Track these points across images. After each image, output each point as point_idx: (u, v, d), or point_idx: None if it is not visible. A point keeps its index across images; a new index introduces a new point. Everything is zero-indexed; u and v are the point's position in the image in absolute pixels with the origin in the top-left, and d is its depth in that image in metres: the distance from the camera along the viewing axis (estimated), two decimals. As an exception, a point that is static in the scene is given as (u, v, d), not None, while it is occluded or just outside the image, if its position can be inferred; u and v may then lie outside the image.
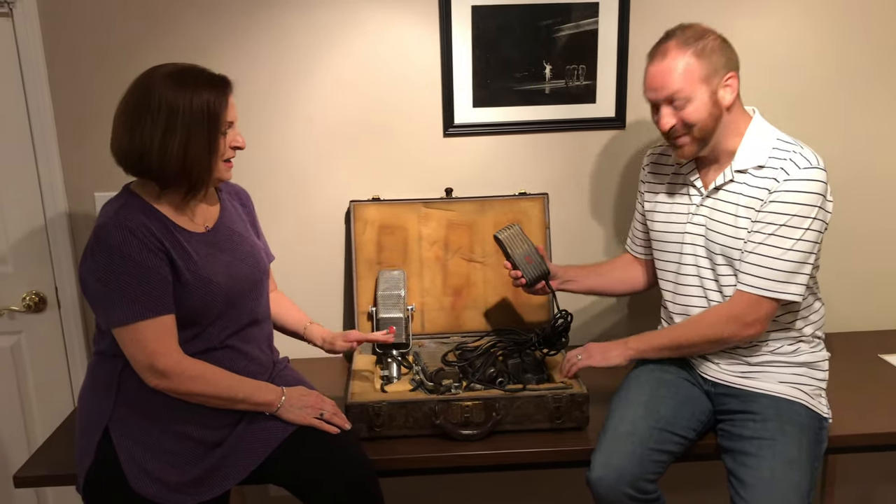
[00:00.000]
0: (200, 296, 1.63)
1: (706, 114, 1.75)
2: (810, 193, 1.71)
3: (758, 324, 1.77)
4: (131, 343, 1.58)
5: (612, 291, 2.19)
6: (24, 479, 1.80)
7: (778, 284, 1.73)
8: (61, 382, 2.37)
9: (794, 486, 1.64)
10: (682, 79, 1.74)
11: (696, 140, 1.79)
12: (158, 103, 1.57)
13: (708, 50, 1.74)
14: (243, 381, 1.69)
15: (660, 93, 1.77)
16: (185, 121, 1.57)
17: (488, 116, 2.27)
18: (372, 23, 2.21)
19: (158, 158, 1.58)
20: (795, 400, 1.79)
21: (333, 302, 2.37)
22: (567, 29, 2.21)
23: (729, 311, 1.78)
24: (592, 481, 1.71)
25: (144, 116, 1.57)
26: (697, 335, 1.83)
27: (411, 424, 1.84)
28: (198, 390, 1.62)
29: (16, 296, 2.31)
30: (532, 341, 2.02)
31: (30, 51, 2.15)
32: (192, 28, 2.18)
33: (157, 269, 1.58)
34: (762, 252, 1.74)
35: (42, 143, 2.21)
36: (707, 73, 1.74)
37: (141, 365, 1.59)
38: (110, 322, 1.59)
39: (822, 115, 2.31)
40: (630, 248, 2.15)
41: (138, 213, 1.61)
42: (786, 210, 1.72)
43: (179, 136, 1.57)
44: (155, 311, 1.57)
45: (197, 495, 1.64)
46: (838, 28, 2.27)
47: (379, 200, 2.27)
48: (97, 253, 1.57)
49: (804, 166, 1.72)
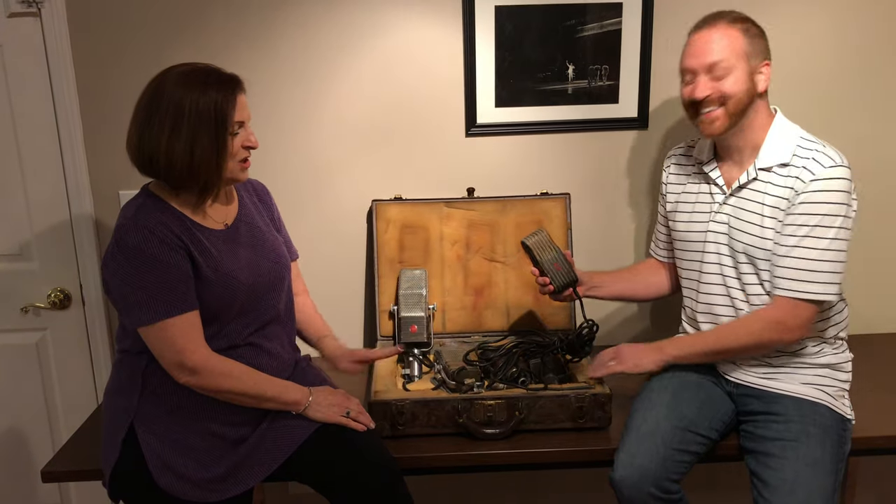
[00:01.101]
0: (222, 292, 1.64)
1: (745, 87, 1.76)
2: (838, 192, 1.71)
3: (799, 329, 1.75)
4: (158, 341, 1.59)
5: (639, 297, 2.17)
6: (51, 475, 1.82)
7: (817, 286, 1.72)
8: (85, 379, 2.40)
9: (818, 488, 1.64)
10: (729, 49, 1.76)
11: (729, 115, 1.77)
12: (167, 104, 1.57)
13: (753, 32, 1.78)
14: (271, 380, 1.70)
15: (702, 58, 1.77)
16: (191, 122, 1.57)
17: (511, 116, 2.27)
18: (395, 22, 2.21)
19: (166, 160, 1.58)
20: (819, 401, 1.78)
21: (355, 300, 2.38)
22: (590, 29, 2.21)
23: (771, 316, 1.77)
24: (616, 481, 1.71)
25: (153, 118, 1.58)
26: (737, 342, 1.80)
27: (434, 423, 1.84)
28: (227, 387, 1.63)
29: (41, 293, 2.33)
30: (555, 345, 2.01)
31: (57, 50, 2.17)
32: (216, 27, 2.19)
33: (179, 265, 1.58)
34: (798, 255, 1.73)
35: (68, 142, 2.23)
36: (750, 52, 1.76)
37: (170, 362, 1.60)
38: (136, 322, 1.59)
39: (846, 115, 2.30)
40: (654, 252, 2.15)
41: (156, 211, 1.62)
42: (816, 210, 1.71)
43: (185, 137, 1.57)
44: (179, 308, 1.58)
45: (222, 491, 1.65)
46: (862, 27, 2.25)
47: (401, 200, 2.28)
48: (118, 254, 1.57)
49: (829, 165, 1.72)
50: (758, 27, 1.80)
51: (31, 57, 2.18)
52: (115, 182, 2.27)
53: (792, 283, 1.74)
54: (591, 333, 1.96)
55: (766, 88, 1.79)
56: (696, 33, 1.81)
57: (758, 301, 1.83)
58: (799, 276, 1.73)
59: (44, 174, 2.26)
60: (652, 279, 2.13)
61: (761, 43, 1.79)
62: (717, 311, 1.90)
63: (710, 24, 1.79)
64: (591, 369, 1.90)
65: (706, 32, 1.79)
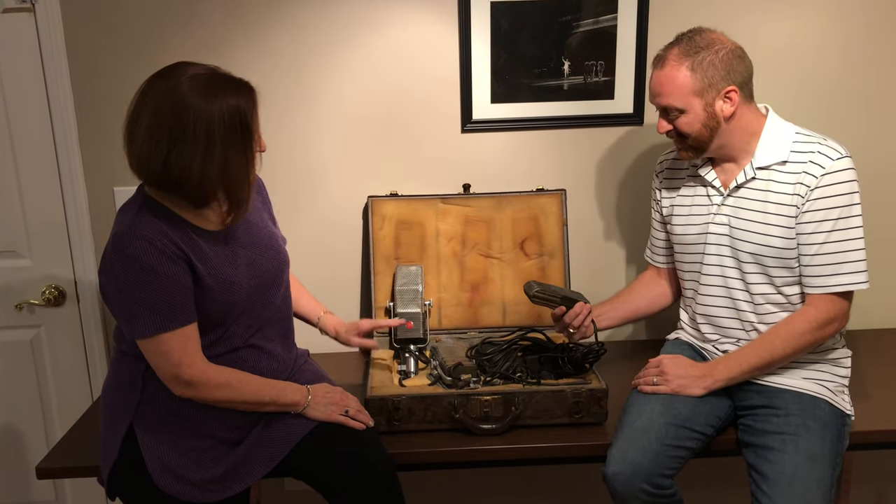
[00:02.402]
0: (222, 299, 1.61)
1: (699, 125, 1.78)
2: (850, 182, 1.73)
3: (842, 320, 1.78)
4: (155, 355, 1.57)
5: (643, 314, 2.16)
6: (46, 471, 1.82)
7: (853, 276, 1.74)
8: (80, 376, 2.39)
9: (817, 482, 1.64)
10: (676, 92, 1.77)
11: (693, 148, 1.83)
12: (193, 123, 1.48)
13: (706, 63, 1.74)
14: (269, 383, 1.68)
15: (656, 100, 1.83)
16: (223, 139, 1.50)
17: (506, 112, 2.27)
18: (391, 19, 2.21)
19: (198, 183, 1.52)
20: (818, 396, 1.78)
21: (351, 297, 2.38)
22: (586, 25, 2.21)
23: (814, 315, 1.77)
24: (609, 476, 1.71)
25: (181, 139, 1.48)
26: (790, 348, 1.77)
27: (430, 418, 1.84)
28: (224, 397, 1.62)
29: (36, 290, 2.33)
30: (558, 356, 1.97)
31: (51, 46, 2.16)
32: (211, 25, 2.19)
33: (177, 277, 1.54)
34: (829, 250, 1.74)
35: (63, 139, 2.23)
36: (701, 87, 1.75)
37: (166, 376, 1.58)
38: (133, 334, 1.56)
39: (845, 113, 2.30)
40: (650, 258, 2.14)
41: (155, 218, 1.55)
42: (834, 203, 1.73)
43: (218, 157, 1.50)
44: (177, 321, 1.55)
45: (220, 492, 1.64)
46: (861, 26, 2.25)
47: (397, 196, 2.28)
48: (116, 263, 1.53)
49: (836, 157, 1.73)
50: (719, 51, 1.74)
51: (26, 53, 2.17)
52: (110, 178, 2.26)
53: (829, 278, 1.75)
54: (597, 356, 1.94)
55: (733, 112, 1.77)
56: (652, 71, 1.82)
57: (763, 300, 1.83)
58: (834, 270, 1.74)
59: (38, 171, 2.25)
60: (652, 293, 2.12)
61: (718, 72, 1.74)
62: (716, 313, 1.90)
63: (661, 60, 1.80)
64: (635, 382, 1.88)
65: (657, 73, 1.80)
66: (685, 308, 2.03)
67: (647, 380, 1.84)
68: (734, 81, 1.76)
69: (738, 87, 1.76)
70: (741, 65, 1.77)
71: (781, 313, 1.83)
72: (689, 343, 2.00)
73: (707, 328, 1.94)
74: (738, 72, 1.76)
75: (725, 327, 1.90)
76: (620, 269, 2.41)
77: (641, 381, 1.86)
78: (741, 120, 1.80)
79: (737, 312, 1.87)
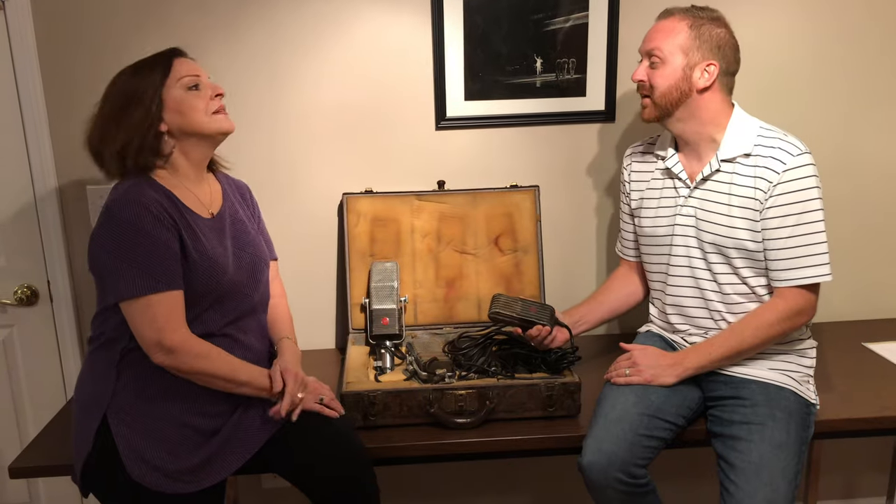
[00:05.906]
0: (205, 276, 1.64)
1: (671, 82, 1.82)
2: (811, 177, 1.77)
3: (810, 312, 1.82)
4: (141, 316, 1.58)
5: (621, 312, 2.17)
6: (19, 470, 1.80)
7: (818, 268, 1.78)
8: (54, 375, 2.37)
9: (782, 470, 1.67)
10: (668, 41, 1.81)
11: (655, 105, 1.86)
12: (106, 94, 1.69)
13: (704, 30, 1.80)
14: (246, 365, 1.70)
15: (646, 44, 1.87)
16: (119, 104, 1.66)
17: (480, 110, 2.29)
18: (364, 16, 2.22)
19: (110, 152, 1.66)
20: (784, 386, 1.82)
21: (327, 294, 2.38)
22: (558, 23, 2.23)
23: (783, 307, 1.80)
24: (584, 466, 1.74)
25: (95, 117, 1.69)
26: (758, 338, 1.81)
27: (406, 413, 1.85)
28: (202, 368, 1.62)
29: (7, 289, 2.31)
30: (533, 356, 1.99)
31: (22, 44, 2.14)
32: (183, 21, 2.18)
33: (169, 243, 1.59)
34: (795, 244, 1.78)
35: (34, 137, 2.21)
36: (690, 46, 1.80)
37: (149, 341, 1.59)
38: (120, 294, 1.58)
39: (812, 110, 2.35)
40: (621, 252, 2.17)
41: (149, 189, 1.63)
42: (797, 198, 1.76)
43: (112, 122, 1.66)
44: (166, 284, 1.58)
45: (195, 483, 1.64)
46: (840, 27, 2.30)
47: (372, 193, 2.29)
48: (109, 227, 1.58)
49: (797, 153, 1.77)
50: (722, 32, 1.81)
51: (-5, 50, 2.15)
52: (83, 177, 2.24)
53: (795, 271, 1.78)
54: (573, 359, 1.96)
55: (707, 86, 1.81)
56: (655, 21, 1.87)
57: (730, 290, 1.87)
58: (800, 263, 1.78)
59: (9, 169, 2.23)
60: (625, 291, 2.14)
61: (710, 43, 1.80)
62: (686, 304, 1.93)
63: (667, 14, 1.85)
64: (607, 376, 1.90)
65: (659, 21, 1.86)
66: (653, 301, 2.06)
67: (620, 372, 1.87)
68: (720, 61, 1.81)
69: (720, 69, 1.80)
70: (732, 54, 1.83)
71: (749, 304, 1.86)
72: (660, 335, 2.03)
73: (676, 318, 1.97)
74: (728, 57, 1.82)
75: (694, 317, 1.94)
76: (593, 264, 2.44)
77: (614, 373, 1.89)
78: (711, 102, 1.83)
79: (705, 303, 1.91)
